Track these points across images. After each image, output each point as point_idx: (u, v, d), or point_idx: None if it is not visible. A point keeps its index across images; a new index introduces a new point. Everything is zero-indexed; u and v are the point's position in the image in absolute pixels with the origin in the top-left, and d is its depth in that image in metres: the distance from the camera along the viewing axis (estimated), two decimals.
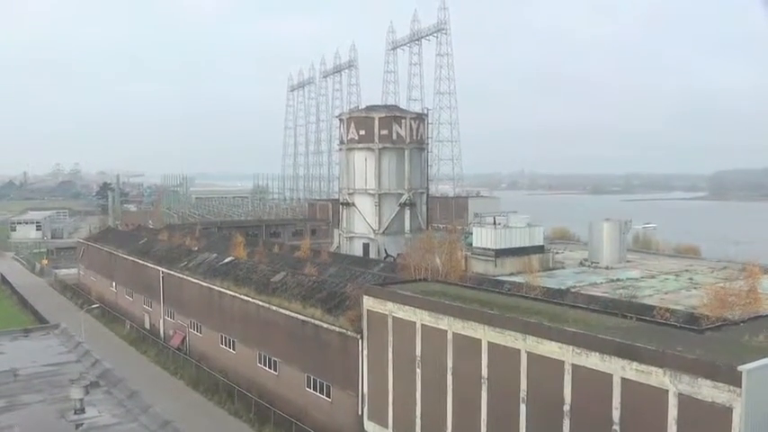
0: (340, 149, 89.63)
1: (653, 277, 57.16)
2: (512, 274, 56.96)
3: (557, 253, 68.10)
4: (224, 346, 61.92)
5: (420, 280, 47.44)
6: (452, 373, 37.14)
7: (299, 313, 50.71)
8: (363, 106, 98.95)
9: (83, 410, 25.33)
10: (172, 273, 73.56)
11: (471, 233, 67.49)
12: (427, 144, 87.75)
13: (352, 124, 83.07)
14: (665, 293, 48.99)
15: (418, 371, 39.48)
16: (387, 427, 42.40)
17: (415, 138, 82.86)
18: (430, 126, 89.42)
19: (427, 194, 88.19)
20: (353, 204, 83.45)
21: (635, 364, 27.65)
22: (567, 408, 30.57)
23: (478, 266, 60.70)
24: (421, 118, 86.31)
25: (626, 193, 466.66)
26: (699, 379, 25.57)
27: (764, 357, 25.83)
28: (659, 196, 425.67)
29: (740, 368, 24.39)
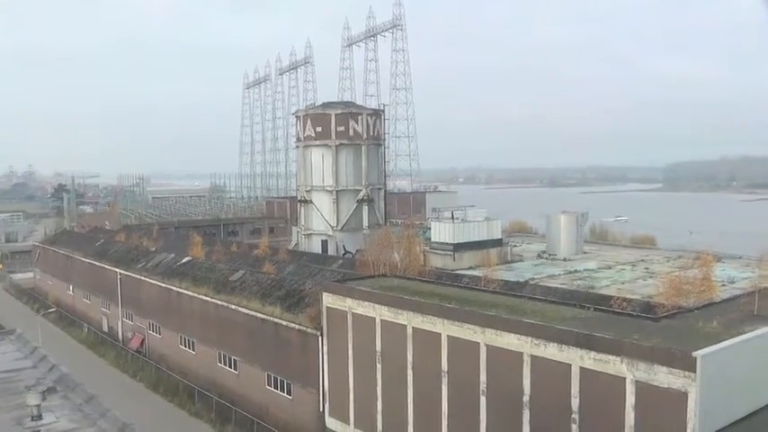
0: (297, 147, 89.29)
1: (610, 268, 57.65)
2: (470, 267, 57.15)
3: (515, 246, 68.44)
4: (184, 347, 61.50)
5: (379, 276, 47.52)
6: (413, 368, 37.27)
7: (259, 312, 50.56)
8: (320, 103, 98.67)
9: (40, 417, 25.01)
10: (129, 274, 72.88)
11: (429, 228, 67.56)
12: (384, 140, 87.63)
13: (309, 121, 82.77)
14: (622, 283, 49.41)
15: (379, 366, 39.57)
16: (348, 422, 42.44)
17: (371, 134, 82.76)
18: (386, 122, 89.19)
19: (385, 190, 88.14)
20: (311, 201, 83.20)
21: (593, 354, 27.96)
22: (526, 398, 30.83)
23: (437, 261, 60.80)
24: (377, 114, 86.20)
25: (582, 185, 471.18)
26: (655, 366, 25.94)
27: (718, 343, 26.31)
28: (615, 188, 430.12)
29: (695, 354, 24.79)
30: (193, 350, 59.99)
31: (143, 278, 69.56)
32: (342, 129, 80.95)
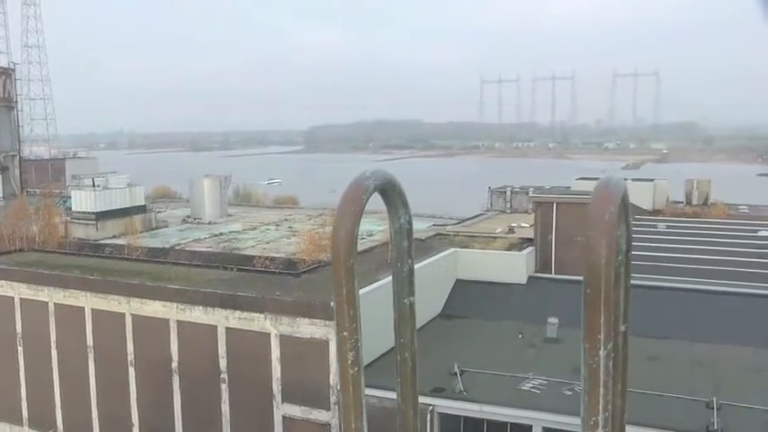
0: None
1: (255, 229, 58.86)
2: (114, 236, 55.79)
3: (159, 212, 67.70)
4: None
5: (16, 251, 45.01)
6: (57, 347, 35.89)
7: None
8: None
9: None
10: None
11: (70, 197, 64.87)
12: (16, 102, 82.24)
13: None
14: (267, 243, 50.70)
15: (20, 349, 37.55)
16: None
17: (2, 95, 77.22)
18: (18, 82, 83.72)
19: (20, 157, 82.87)
20: None
21: (237, 313, 28.76)
22: (175, 364, 31.01)
23: (79, 231, 58.46)
24: (8, 73, 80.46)
25: (225, 149, 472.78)
26: (297, 319, 27.31)
27: None
28: (257, 151, 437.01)
29: (333, 304, 26.38)
30: None
31: None
32: None
